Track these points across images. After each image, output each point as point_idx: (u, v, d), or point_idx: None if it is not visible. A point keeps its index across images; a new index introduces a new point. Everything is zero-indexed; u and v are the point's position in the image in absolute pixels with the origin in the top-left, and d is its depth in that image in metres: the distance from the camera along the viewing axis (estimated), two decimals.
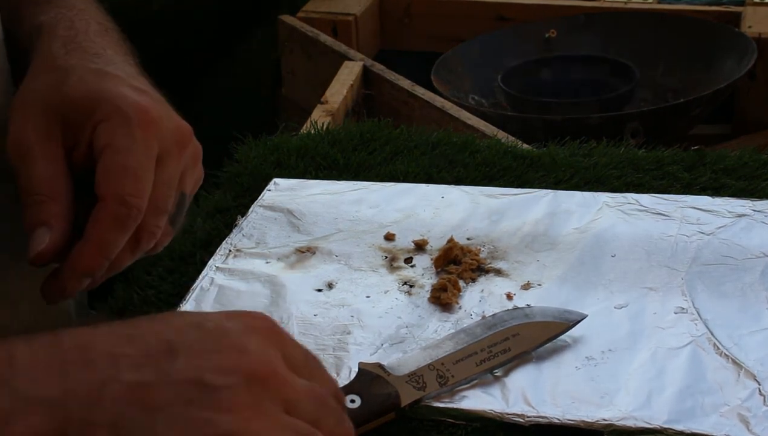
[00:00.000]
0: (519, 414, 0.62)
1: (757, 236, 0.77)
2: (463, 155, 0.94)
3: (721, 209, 0.81)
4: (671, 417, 0.61)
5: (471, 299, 0.73)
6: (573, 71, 2.06)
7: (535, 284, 0.74)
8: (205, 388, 0.49)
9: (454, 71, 2.03)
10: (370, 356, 0.68)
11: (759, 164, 0.89)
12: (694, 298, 0.71)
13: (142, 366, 0.49)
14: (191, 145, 0.64)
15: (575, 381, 0.64)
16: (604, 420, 0.61)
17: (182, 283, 0.77)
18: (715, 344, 0.66)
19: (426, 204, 0.85)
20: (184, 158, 0.63)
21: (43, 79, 0.63)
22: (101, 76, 0.63)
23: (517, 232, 0.81)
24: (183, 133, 0.63)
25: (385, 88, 1.67)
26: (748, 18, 1.99)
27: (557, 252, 0.78)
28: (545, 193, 0.85)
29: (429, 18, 2.18)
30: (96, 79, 0.62)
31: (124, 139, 0.60)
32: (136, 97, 0.62)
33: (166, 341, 0.50)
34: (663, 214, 0.81)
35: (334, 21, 2.02)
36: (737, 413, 0.61)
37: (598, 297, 0.72)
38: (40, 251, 0.59)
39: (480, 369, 0.65)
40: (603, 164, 0.90)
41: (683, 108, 1.82)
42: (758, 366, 0.64)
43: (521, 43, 2.11)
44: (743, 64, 1.86)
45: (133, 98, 0.61)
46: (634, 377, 0.64)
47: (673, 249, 0.77)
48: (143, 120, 0.60)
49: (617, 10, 2.14)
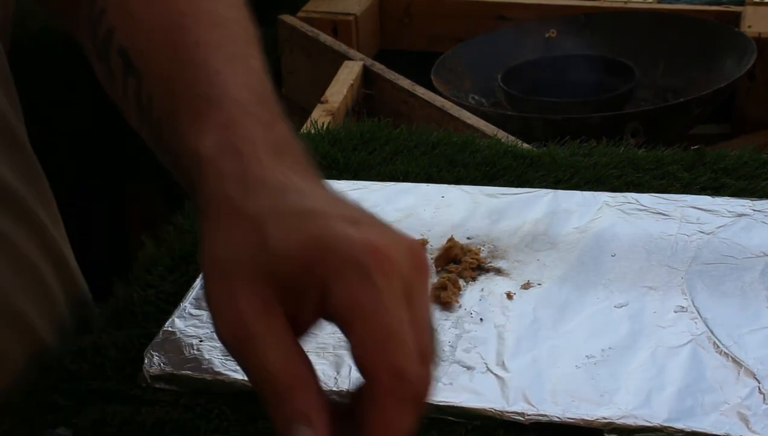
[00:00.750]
0: (519, 412, 0.62)
1: (757, 236, 0.77)
2: (464, 155, 0.94)
3: (721, 209, 0.81)
4: (671, 415, 0.61)
5: (471, 298, 0.73)
6: (573, 71, 2.06)
7: (535, 283, 0.75)
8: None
9: (454, 71, 2.03)
10: None
11: (759, 164, 0.89)
12: (694, 297, 0.71)
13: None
14: (427, 265, 0.51)
15: (575, 380, 0.64)
16: (603, 418, 0.61)
17: (182, 282, 0.77)
18: (715, 343, 0.66)
19: (426, 204, 0.85)
20: (428, 284, 0.51)
21: (235, 236, 0.49)
22: (304, 217, 0.49)
23: (517, 231, 0.81)
24: (416, 254, 0.50)
25: (385, 88, 1.67)
26: (748, 18, 1.99)
27: (557, 251, 0.78)
28: (545, 193, 0.85)
29: (429, 18, 2.18)
30: (301, 224, 0.48)
31: (370, 295, 0.46)
32: (357, 235, 0.48)
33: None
34: (663, 213, 0.81)
35: (334, 21, 2.03)
36: (737, 411, 0.61)
37: (598, 296, 0.72)
38: None
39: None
40: (603, 164, 0.91)
41: (683, 108, 1.82)
42: (758, 365, 0.64)
43: (521, 43, 2.11)
44: (743, 64, 1.86)
45: (355, 237, 0.48)
46: (634, 375, 0.64)
47: (673, 248, 0.77)
48: (378, 262, 0.47)
49: (617, 10, 2.14)
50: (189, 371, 0.67)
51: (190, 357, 0.68)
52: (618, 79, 1.98)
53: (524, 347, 0.68)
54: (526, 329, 0.70)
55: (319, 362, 0.65)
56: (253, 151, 0.52)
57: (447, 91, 1.91)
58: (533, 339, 0.68)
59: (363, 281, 0.47)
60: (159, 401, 0.66)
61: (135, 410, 0.65)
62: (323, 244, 0.47)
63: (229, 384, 0.66)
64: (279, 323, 0.48)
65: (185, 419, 0.64)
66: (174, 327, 0.71)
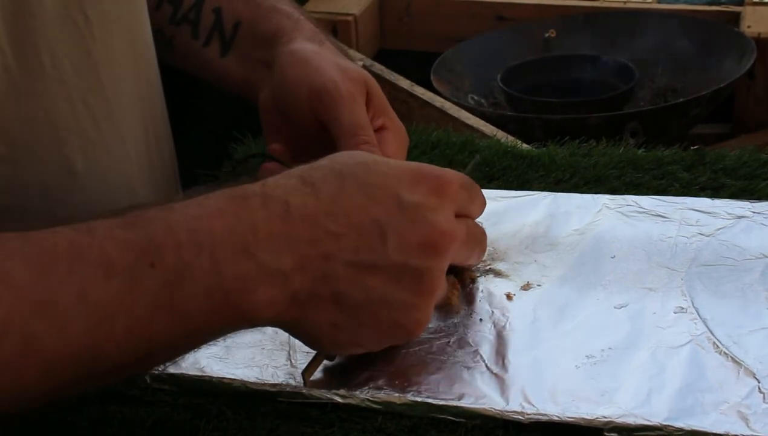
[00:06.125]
0: (519, 412, 0.62)
1: (757, 238, 0.77)
2: (463, 155, 0.94)
3: (721, 211, 0.81)
4: (671, 415, 0.61)
5: (470, 299, 0.73)
6: (573, 71, 2.06)
7: (535, 284, 0.75)
8: (410, 271, 0.60)
9: (453, 71, 2.03)
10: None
11: (758, 164, 0.89)
12: (693, 298, 0.71)
13: (359, 248, 0.59)
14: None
15: (575, 379, 0.64)
16: (603, 417, 0.61)
17: None
18: (715, 343, 0.66)
19: None
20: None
21: (339, 60, 0.81)
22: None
23: (516, 233, 0.81)
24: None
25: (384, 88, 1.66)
26: (748, 18, 1.99)
27: (557, 253, 0.78)
28: (545, 196, 0.85)
29: (429, 17, 2.18)
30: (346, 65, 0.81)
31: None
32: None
33: (377, 222, 0.60)
34: (662, 215, 0.81)
35: (333, 21, 2.03)
36: (737, 410, 0.61)
37: (598, 297, 0.72)
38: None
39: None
40: (602, 164, 0.91)
41: (683, 108, 1.82)
42: (758, 364, 0.64)
43: (521, 43, 2.11)
44: (742, 64, 1.87)
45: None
46: (634, 375, 0.64)
47: (672, 250, 0.77)
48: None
49: (617, 10, 2.14)
50: (188, 372, 0.67)
51: (190, 358, 0.68)
52: (617, 79, 1.98)
53: (524, 347, 0.68)
54: (526, 329, 0.70)
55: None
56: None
57: (446, 91, 1.92)
58: (533, 339, 0.69)
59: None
60: (159, 401, 0.66)
61: (135, 410, 0.65)
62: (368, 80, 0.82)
63: (228, 384, 0.66)
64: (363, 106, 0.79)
65: (185, 419, 0.64)
66: None
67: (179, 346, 0.59)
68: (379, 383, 0.65)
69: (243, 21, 0.86)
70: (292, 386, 0.66)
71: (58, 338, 0.53)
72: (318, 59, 0.79)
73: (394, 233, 0.60)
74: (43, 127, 0.70)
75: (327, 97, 0.77)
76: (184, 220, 0.57)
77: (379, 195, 0.61)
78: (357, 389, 0.65)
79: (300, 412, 0.65)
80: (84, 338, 0.54)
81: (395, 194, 0.61)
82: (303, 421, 0.64)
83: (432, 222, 0.62)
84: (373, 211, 0.60)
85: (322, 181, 0.61)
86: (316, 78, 0.78)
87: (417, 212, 0.61)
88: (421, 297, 0.62)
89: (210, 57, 0.87)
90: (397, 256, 0.60)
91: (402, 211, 0.61)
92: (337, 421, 0.64)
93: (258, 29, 0.85)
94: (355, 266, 0.59)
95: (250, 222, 0.57)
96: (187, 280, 0.55)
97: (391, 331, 0.62)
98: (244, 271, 0.56)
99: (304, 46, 0.81)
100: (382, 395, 0.64)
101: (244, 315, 0.57)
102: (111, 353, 0.55)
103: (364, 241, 0.59)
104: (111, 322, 0.54)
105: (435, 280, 0.62)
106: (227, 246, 0.56)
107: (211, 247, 0.56)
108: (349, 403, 0.64)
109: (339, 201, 0.60)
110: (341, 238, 0.59)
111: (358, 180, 0.61)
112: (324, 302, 0.59)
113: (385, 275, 0.60)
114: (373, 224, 0.60)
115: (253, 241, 0.57)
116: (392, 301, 0.61)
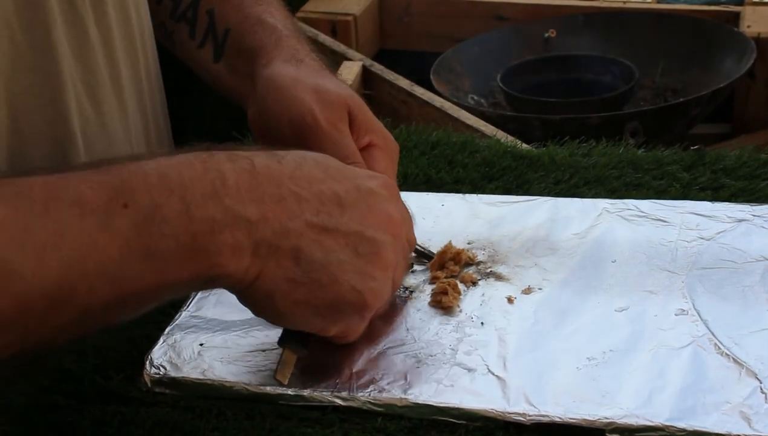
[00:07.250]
0: (520, 413, 0.62)
1: (757, 241, 0.77)
2: (463, 155, 0.94)
3: (721, 214, 0.81)
4: (673, 415, 0.61)
5: (472, 302, 0.73)
6: (572, 71, 2.06)
7: (536, 287, 0.74)
8: (367, 241, 0.64)
9: (453, 71, 2.03)
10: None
11: (758, 164, 0.89)
12: (694, 300, 0.71)
13: (320, 211, 0.63)
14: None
15: (576, 381, 0.64)
16: (605, 418, 0.61)
17: None
18: (716, 344, 0.66)
19: (426, 212, 0.85)
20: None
21: (318, 81, 0.78)
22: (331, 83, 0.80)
23: (517, 237, 0.81)
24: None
25: (384, 88, 1.67)
26: (747, 18, 1.99)
27: (558, 257, 0.78)
28: (545, 200, 0.85)
29: (428, 18, 2.18)
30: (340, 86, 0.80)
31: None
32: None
33: (336, 195, 0.64)
34: (663, 219, 0.81)
35: (333, 21, 2.03)
36: (739, 410, 0.61)
37: (599, 300, 0.72)
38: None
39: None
40: (602, 164, 0.91)
41: (683, 108, 1.82)
42: (759, 365, 0.64)
43: (521, 43, 2.11)
44: (742, 64, 1.87)
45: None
46: (635, 376, 0.64)
47: (673, 254, 0.77)
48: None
49: (616, 10, 2.14)
50: (190, 376, 0.67)
51: (191, 362, 0.68)
52: (617, 79, 1.98)
53: (525, 350, 0.68)
54: (527, 331, 0.69)
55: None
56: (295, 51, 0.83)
57: (446, 91, 1.92)
58: (534, 342, 0.68)
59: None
60: (159, 402, 0.66)
61: (135, 411, 0.65)
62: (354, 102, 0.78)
63: (229, 388, 0.66)
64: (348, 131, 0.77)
65: (185, 420, 0.64)
66: (175, 332, 0.71)
67: (147, 294, 0.60)
68: (380, 385, 0.65)
69: (232, 28, 0.86)
70: (293, 389, 0.65)
71: (34, 271, 0.54)
72: (295, 87, 0.78)
73: (352, 207, 0.64)
74: (47, 102, 0.72)
75: (307, 129, 0.76)
76: (156, 166, 0.60)
77: (338, 176, 0.65)
78: (358, 390, 0.65)
79: (300, 412, 0.65)
80: (58, 273, 0.55)
81: (353, 178, 0.66)
82: (303, 421, 0.64)
83: (386, 208, 0.66)
84: (332, 186, 0.64)
85: (285, 154, 0.65)
86: (294, 110, 0.77)
87: (372, 196, 0.66)
88: (377, 268, 0.65)
89: (205, 59, 0.88)
90: (354, 225, 0.64)
91: (359, 192, 0.65)
92: (337, 421, 0.64)
93: (243, 43, 0.85)
94: (315, 226, 0.62)
95: (218, 171, 0.60)
96: (157, 221, 0.58)
97: (347, 296, 0.64)
98: (212, 214, 0.59)
99: (281, 72, 0.79)
100: (383, 398, 0.64)
101: (210, 260, 0.59)
102: (82, 293, 0.56)
103: (324, 207, 0.63)
104: (84, 260, 0.56)
105: (391, 254, 0.66)
106: (196, 190, 0.59)
107: (181, 190, 0.59)
108: (351, 406, 0.64)
109: (301, 171, 0.64)
110: (303, 201, 0.62)
111: (319, 162, 0.66)
112: (283, 256, 0.61)
113: (343, 240, 0.63)
114: (333, 196, 0.64)
115: (222, 187, 0.60)
116: (349, 266, 0.63)
